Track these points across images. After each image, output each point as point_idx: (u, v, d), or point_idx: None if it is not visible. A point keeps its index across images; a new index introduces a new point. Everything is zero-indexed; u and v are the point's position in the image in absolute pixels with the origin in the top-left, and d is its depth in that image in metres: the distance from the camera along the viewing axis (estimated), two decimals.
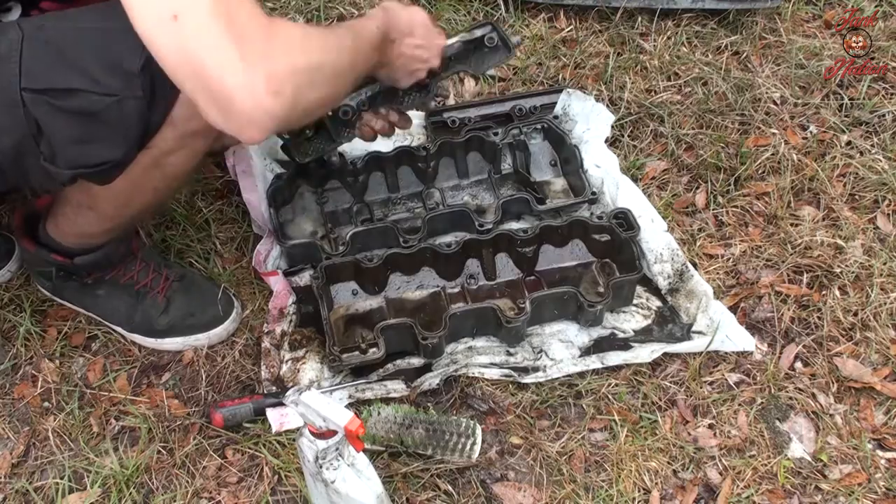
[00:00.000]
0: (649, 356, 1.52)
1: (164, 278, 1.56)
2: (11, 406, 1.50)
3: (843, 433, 1.46)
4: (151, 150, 1.25)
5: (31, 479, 1.41)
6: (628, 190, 1.77)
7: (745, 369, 1.54)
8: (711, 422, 1.47)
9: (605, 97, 1.99)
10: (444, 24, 2.11)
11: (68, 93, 1.14)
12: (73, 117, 1.15)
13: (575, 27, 2.16)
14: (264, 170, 1.78)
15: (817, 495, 1.39)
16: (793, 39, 2.16)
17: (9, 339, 1.59)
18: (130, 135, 1.20)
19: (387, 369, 1.51)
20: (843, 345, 1.57)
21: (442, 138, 1.79)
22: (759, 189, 1.83)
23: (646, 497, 1.38)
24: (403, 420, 1.40)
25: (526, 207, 1.74)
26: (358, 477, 1.14)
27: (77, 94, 1.14)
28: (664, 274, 1.66)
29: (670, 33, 2.15)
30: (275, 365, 1.51)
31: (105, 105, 1.14)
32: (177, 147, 1.27)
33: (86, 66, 1.13)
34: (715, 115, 1.97)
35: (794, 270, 1.69)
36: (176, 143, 1.26)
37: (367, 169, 1.77)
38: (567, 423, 1.47)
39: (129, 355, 1.57)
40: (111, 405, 1.49)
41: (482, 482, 1.39)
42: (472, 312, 1.53)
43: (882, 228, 1.76)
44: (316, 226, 1.76)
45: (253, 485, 1.39)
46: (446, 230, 1.71)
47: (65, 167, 1.21)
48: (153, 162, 1.28)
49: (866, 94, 2.02)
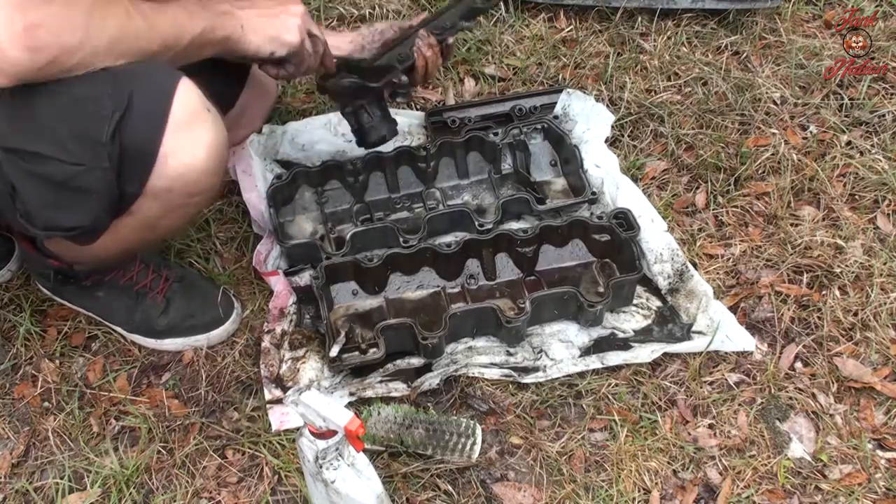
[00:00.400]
0: (649, 356, 1.52)
1: (164, 279, 1.56)
2: (11, 406, 1.50)
3: (843, 433, 1.46)
4: (136, 216, 1.25)
5: (31, 479, 1.41)
6: (628, 190, 1.77)
7: (745, 369, 1.54)
8: (711, 422, 1.47)
9: (605, 97, 1.99)
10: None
11: (37, 157, 1.14)
12: (42, 182, 1.15)
13: (575, 27, 2.16)
14: (264, 170, 1.78)
15: (817, 495, 1.39)
16: (793, 39, 2.16)
17: (9, 339, 1.59)
18: (100, 204, 1.20)
19: (387, 369, 1.51)
20: (843, 345, 1.57)
21: (442, 138, 1.79)
22: (759, 189, 1.83)
23: (646, 497, 1.38)
24: (403, 420, 1.40)
25: (526, 207, 1.74)
26: (358, 477, 1.14)
27: (46, 161, 1.14)
28: (664, 274, 1.66)
29: (670, 33, 2.15)
30: (274, 364, 1.51)
31: (73, 174, 1.14)
32: (165, 213, 1.28)
33: (55, 133, 1.13)
34: (715, 115, 1.97)
35: (794, 270, 1.69)
36: (161, 210, 1.27)
37: (367, 169, 1.77)
38: (567, 423, 1.47)
39: (129, 355, 1.57)
40: (111, 405, 1.49)
41: (482, 482, 1.39)
42: (472, 312, 1.53)
43: (882, 228, 1.76)
44: (316, 226, 1.76)
45: (253, 485, 1.39)
46: (446, 230, 1.71)
47: (40, 227, 1.22)
48: (142, 225, 1.29)
49: (866, 94, 2.02)
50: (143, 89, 1.16)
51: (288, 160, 1.84)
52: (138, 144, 1.17)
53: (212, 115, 1.23)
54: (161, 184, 1.21)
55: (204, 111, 1.22)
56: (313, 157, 1.84)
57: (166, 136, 1.17)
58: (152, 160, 1.18)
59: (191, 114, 1.20)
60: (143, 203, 1.24)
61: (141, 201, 1.23)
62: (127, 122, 1.15)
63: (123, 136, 1.14)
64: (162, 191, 1.22)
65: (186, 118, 1.19)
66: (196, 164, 1.22)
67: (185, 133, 1.19)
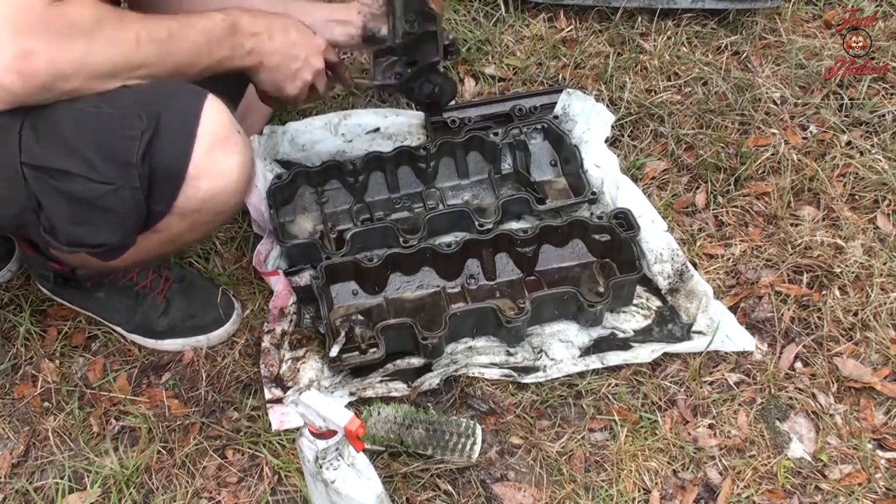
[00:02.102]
0: (649, 356, 1.52)
1: (164, 279, 1.56)
2: (11, 406, 1.50)
3: (843, 433, 1.46)
4: (161, 234, 1.25)
5: (31, 479, 1.41)
6: (628, 190, 1.77)
7: (745, 369, 1.54)
8: (711, 422, 1.47)
9: (605, 97, 1.99)
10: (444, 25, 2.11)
11: (65, 175, 1.13)
12: (70, 199, 1.15)
13: (575, 27, 2.16)
14: (264, 170, 1.78)
15: (817, 495, 1.39)
16: (793, 39, 2.16)
17: (9, 339, 1.59)
18: (128, 223, 1.19)
19: (387, 369, 1.51)
20: (843, 345, 1.57)
21: (442, 138, 1.79)
22: (759, 189, 1.83)
23: (646, 497, 1.38)
24: (403, 420, 1.40)
25: (526, 207, 1.74)
26: (358, 477, 1.14)
27: (74, 178, 1.13)
28: (664, 274, 1.66)
29: (670, 33, 2.15)
30: (274, 364, 1.51)
31: (101, 193, 1.14)
32: (188, 230, 1.28)
33: (84, 152, 1.13)
34: (715, 115, 1.97)
35: (794, 270, 1.69)
36: (187, 228, 1.26)
37: (367, 169, 1.77)
38: (567, 423, 1.47)
39: (129, 355, 1.57)
40: (111, 405, 1.49)
41: (482, 482, 1.39)
42: (472, 312, 1.53)
43: (882, 228, 1.76)
44: (316, 226, 1.76)
45: (253, 485, 1.39)
46: (446, 230, 1.71)
47: (64, 244, 1.21)
48: (166, 240, 1.28)
49: (866, 94, 2.02)
50: (171, 109, 1.16)
51: (288, 160, 1.84)
52: (168, 165, 1.16)
53: (241, 136, 1.23)
54: (191, 205, 1.21)
55: (234, 133, 1.21)
56: (313, 157, 1.84)
57: (195, 157, 1.17)
58: (181, 181, 1.17)
59: (220, 136, 1.19)
60: (171, 221, 1.23)
61: (168, 219, 1.22)
62: (156, 142, 1.14)
63: (153, 157, 1.14)
64: (190, 211, 1.22)
65: (216, 140, 1.18)
66: (228, 187, 1.22)
67: (215, 155, 1.18)
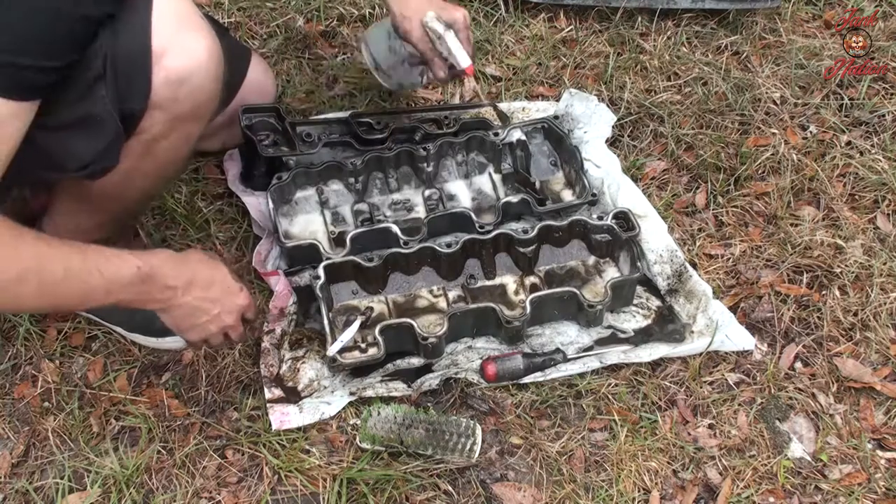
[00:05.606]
0: (649, 356, 1.52)
1: None
2: (11, 406, 1.50)
3: (843, 433, 1.46)
4: (141, 136, 1.24)
5: (31, 479, 1.41)
6: (629, 190, 1.77)
7: (745, 369, 1.54)
8: (711, 422, 1.47)
9: (605, 97, 1.99)
10: None
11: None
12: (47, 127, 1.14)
13: (575, 27, 2.16)
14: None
15: (817, 495, 1.39)
16: (793, 39, 2.16)
17: (9, 339, 1.59)
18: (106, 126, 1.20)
19: (387, 369, 1.51)
20: (843, 345, 1.57)
21: (442, 139, 1.79)
22: (758, 189, 1.83)
23: (646, 497, 1.38)
24: (403, 420, 1.40)
25: (526, 208, 1.74)
26: None
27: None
28: (664, 274, 1.66)
29: (670, 33, 2.15)
30: (274, 364, 1.51)
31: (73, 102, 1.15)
32: (168, 131, 1.26)
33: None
34: (715, 115, 1.97)
35: (794, 270, 1.69)
36: (169, 126, 1.25)
37: (367, 169, 1.77)
38: (567, 423, 1.47)
39: (129, 355, 1.57)
40: (111, 405, 1.49)
41: (482, 482, 1.39)
42: (472, 312, 1.53)
43: (882, 228, 1.76)
44: (316, 226, 1.76)
45: (253, 485, 1.39)
46: (446, 231, 1.71)
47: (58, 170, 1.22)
48: (144, 149, 1.27)
49: (866, 94, 2.02)
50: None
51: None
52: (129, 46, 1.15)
53: (205, 21, 1.23)
54: (166, 92, 1.20)
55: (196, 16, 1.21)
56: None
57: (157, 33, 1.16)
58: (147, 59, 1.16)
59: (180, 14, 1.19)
60: (152, 118, 1.22)
61: (149, 116, 1.22)
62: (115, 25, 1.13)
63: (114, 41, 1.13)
64: (167, 100, 1.21)
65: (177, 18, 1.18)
66: (200, 67, 1.21)
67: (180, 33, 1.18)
